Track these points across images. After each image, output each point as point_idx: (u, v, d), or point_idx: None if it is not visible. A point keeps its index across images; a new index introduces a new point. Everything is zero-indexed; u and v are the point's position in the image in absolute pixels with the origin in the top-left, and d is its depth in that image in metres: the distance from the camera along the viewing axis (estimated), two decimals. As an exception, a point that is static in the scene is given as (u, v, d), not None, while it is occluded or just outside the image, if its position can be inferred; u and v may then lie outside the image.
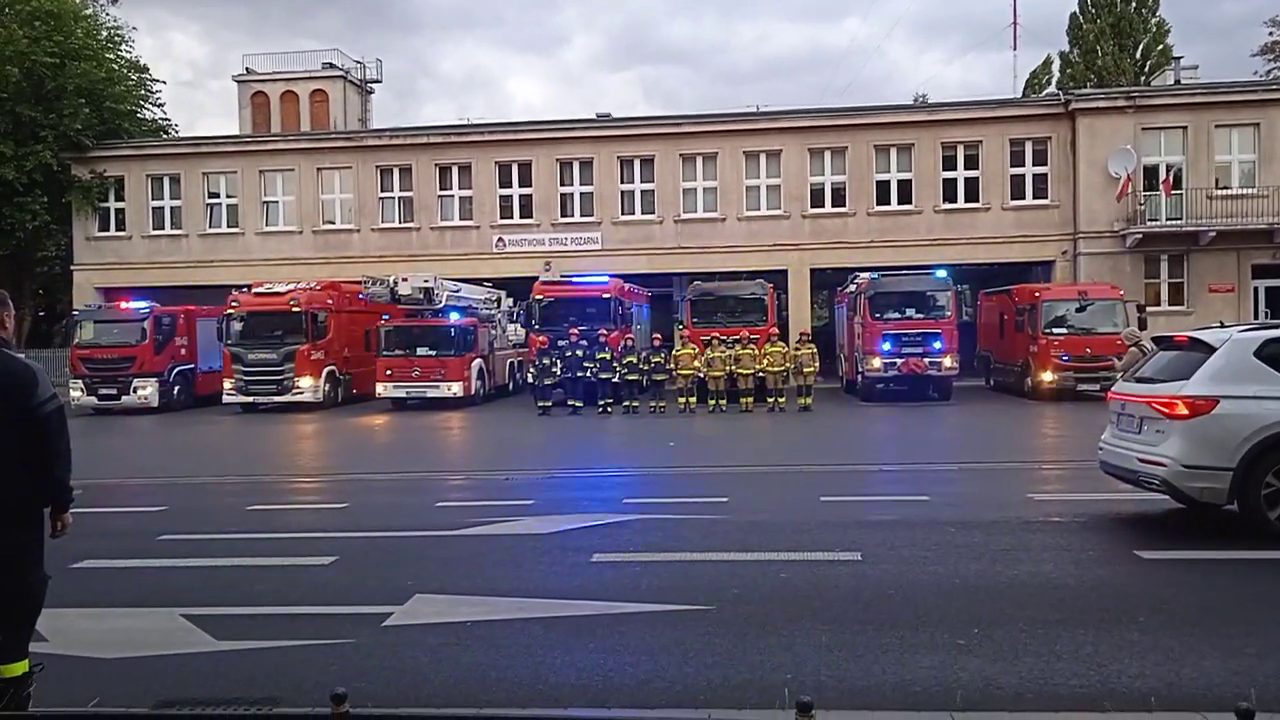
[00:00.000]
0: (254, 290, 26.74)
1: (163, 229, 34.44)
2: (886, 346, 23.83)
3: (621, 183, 32.56)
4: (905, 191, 31.30)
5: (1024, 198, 30.91)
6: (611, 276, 27.84)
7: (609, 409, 23.41)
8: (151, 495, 12.22)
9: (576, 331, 24.10)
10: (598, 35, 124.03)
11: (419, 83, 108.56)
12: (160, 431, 22.71)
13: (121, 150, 34.52)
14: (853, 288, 26.34)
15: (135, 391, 26.32)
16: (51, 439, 4.56)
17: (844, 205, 31.51)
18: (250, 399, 25.74)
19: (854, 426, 20.63)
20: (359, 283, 27.00)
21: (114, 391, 26.35)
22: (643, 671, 5.40)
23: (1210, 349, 8.57)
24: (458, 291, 27.29)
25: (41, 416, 4.51)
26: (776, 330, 25.03)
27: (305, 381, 25.60)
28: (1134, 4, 45.41)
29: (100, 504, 10.97)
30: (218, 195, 34.52)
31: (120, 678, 5.55)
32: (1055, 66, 49.26)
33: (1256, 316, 28.54)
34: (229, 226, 34.27)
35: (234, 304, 26.22)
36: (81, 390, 26.44)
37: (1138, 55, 45.14)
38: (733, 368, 23.29)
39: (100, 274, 33.97)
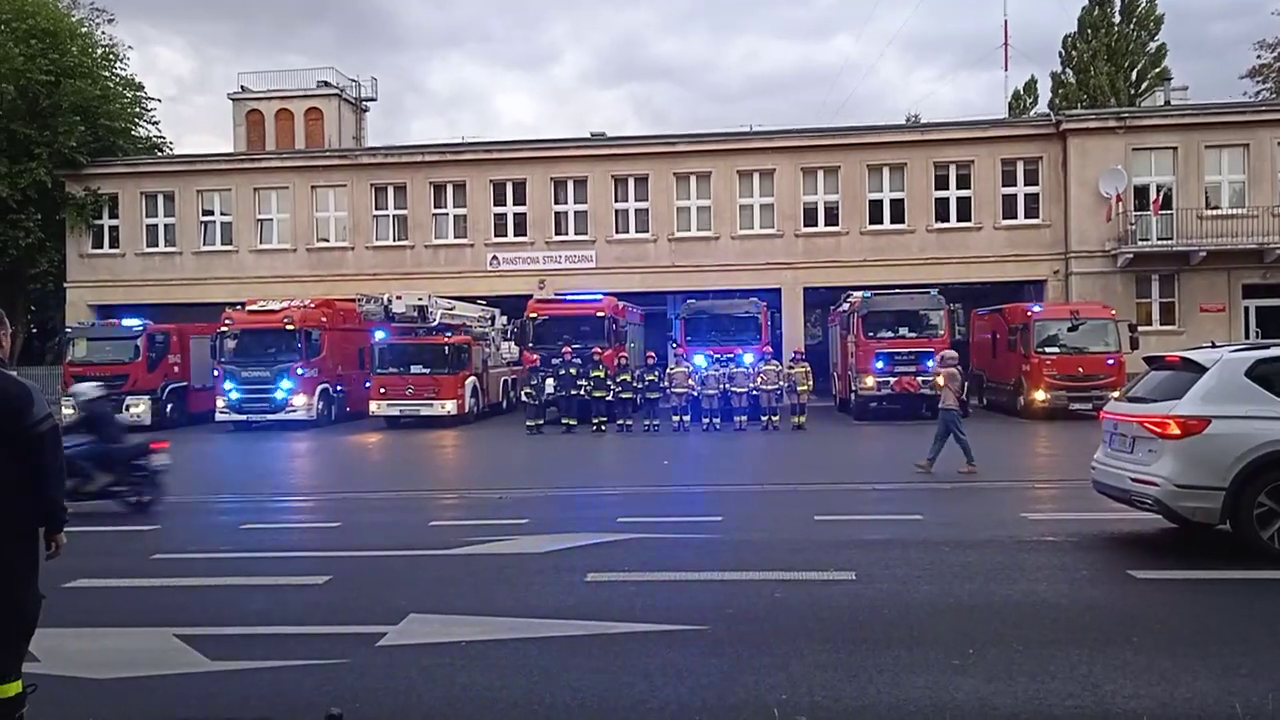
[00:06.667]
0: (247, 308, 26.72)
1: (156, 246, 34.46)
2: (880, 365, 23.94)
3: (615, 201, 32.67)
4: (898, 211, 31.46)
5: (1016, 217, 31.08)
6: (605, 294, 27.91)
7: (603, 427, 23.41)
8: (144, 514, 12.16)
9: (570, 350, 24.11)
10: (587, 52, 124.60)
11: (407, 99, 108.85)
12: (152, 449, 22.59)
13: (116, 168, 34.53)
14: (846, 306, 26.43)
15: (128, 409, 26.13)
16: (46, 458, 4.55)
17: (837, 224, 31.65)
18: (243, 417, 25.68)
19: (847, 445, 20.65)
20: (353, 300, 27.01)
21: (106, 409, 26.22)
22: (638, 692, 5.39)
23: (1202, 369, 8.62)
24: (452, 309, 27.32)
25: (36, 435, 4.50)
26: (770, 349, 25.11)
27: (299, 399, 25.57)
28: (1133, 26, 45.74)
29: (93, 523, 10.93)
30: (212, 213, 34.53)
31: (114, 698, 5.53)
32: (1042, 86, 49.66)
33: (1248, 336, 28.65)
34: (223, 244, 34.28)
35: (228, 321, 26.21)
36: (73, 408, 26.29)
37: (1133, 76, 45.45)
38: (726, 386, 23.37)
39: (94, 291, 33.93)
